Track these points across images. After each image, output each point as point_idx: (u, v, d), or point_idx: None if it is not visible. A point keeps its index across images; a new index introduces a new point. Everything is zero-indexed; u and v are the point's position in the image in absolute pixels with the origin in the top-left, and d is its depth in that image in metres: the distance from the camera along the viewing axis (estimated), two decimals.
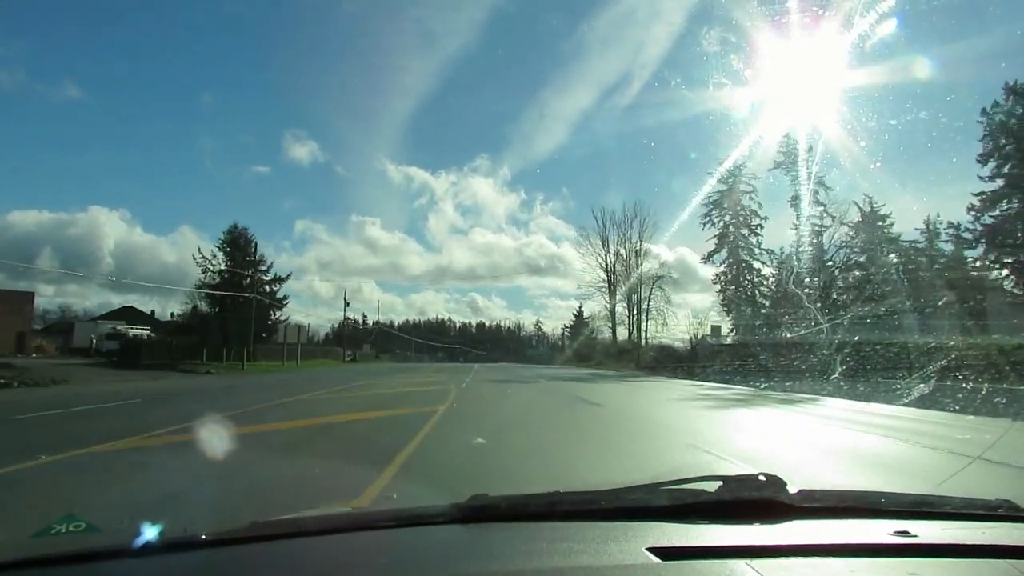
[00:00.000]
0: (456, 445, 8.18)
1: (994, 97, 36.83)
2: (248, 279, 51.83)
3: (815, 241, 41.55)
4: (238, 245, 53.20)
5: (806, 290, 37.21)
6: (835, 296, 38.37)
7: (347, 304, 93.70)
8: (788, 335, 27.60)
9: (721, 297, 51.16)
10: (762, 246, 50.27)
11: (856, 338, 21.64)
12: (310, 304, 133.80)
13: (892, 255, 39.80)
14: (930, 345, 19.33)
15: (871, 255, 39.17)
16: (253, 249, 54.66)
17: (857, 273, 38.82)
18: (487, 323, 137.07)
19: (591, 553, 1.15)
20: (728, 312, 48.85)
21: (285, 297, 58.66)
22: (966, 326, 25.61)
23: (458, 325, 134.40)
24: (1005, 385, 16.11)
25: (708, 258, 52.01)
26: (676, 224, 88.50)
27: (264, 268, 55.78)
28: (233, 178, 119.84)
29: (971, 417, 12.13)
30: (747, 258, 50.42)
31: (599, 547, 1.18)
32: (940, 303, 28.97)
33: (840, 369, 19.20)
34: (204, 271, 52.03)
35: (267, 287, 55.33)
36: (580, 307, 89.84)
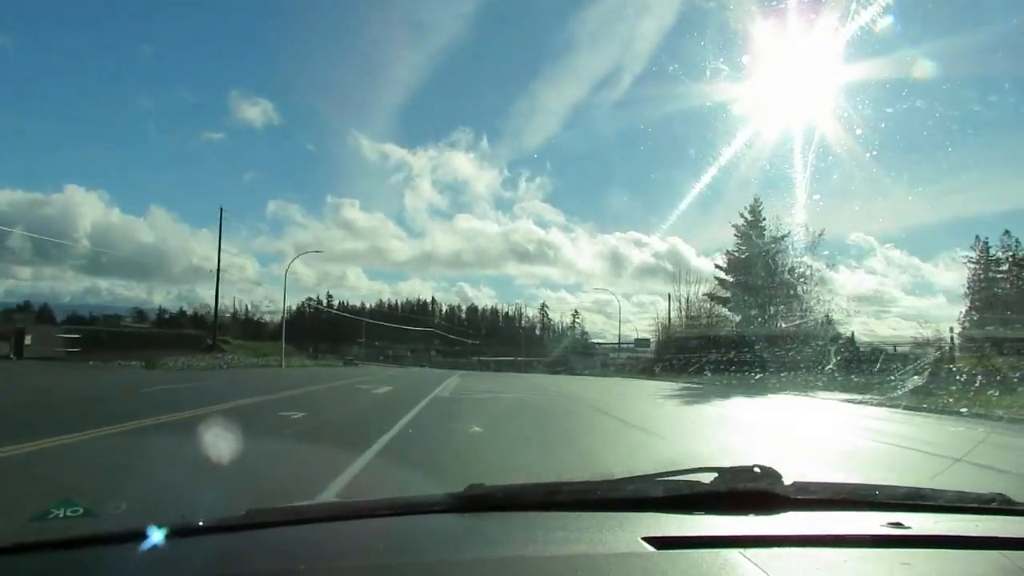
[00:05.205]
0: None
1: None
2: None
3: None
4: None
5: None
6: None
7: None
8: None
9: None
10: None
11: None
12: (292, 291, 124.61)
13: None
14: None
15: None
16: None
17: None
18: (480, 308, 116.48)
19: (587, 542, 1.16)
20: None
21: None
22: None
23: (443, 309, 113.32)
24: None
25: None
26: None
27: None
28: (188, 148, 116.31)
29: None
30: None
31: (595, 536, 1.19)
32: None
33: None
34: None
35: None
36: (756, 201, 40.85)
